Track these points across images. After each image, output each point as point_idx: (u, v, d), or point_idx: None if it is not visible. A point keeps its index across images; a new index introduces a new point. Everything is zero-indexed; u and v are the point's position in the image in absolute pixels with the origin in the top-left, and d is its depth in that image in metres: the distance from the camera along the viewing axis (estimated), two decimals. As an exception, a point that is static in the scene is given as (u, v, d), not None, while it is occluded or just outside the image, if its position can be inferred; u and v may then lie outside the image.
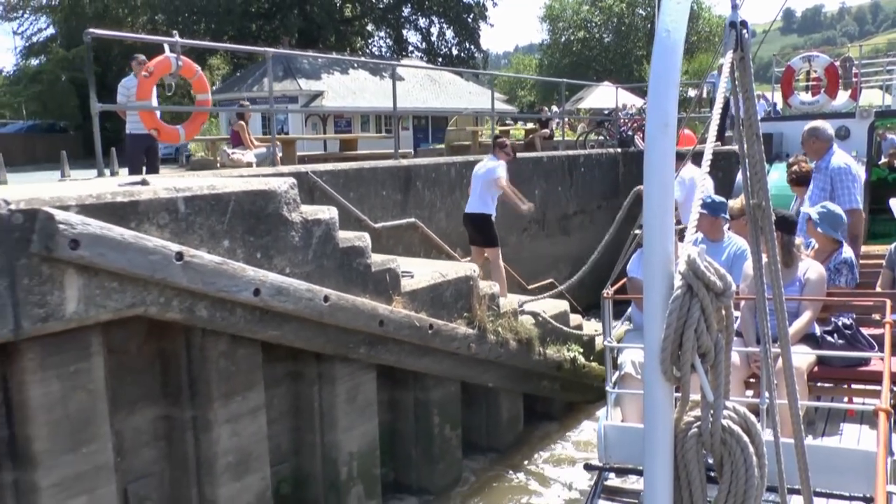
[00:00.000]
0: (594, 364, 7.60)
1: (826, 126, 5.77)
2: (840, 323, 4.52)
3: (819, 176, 5.65)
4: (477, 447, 6.78)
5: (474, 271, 6.40)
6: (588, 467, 4.89)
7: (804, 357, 4.26)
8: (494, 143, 8.34)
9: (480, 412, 6.85)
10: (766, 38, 4.62)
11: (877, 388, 3.96)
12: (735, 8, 1.65)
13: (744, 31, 1.65)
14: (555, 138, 15.75)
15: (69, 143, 24.91)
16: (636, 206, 2.87)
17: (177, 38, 7.60)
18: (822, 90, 11.67)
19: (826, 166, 5.60)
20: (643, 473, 1.57)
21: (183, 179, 4.81)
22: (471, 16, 36.95)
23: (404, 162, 8.95)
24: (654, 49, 1.53)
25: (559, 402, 7.59)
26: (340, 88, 27.86)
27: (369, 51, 37.68)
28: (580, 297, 9.56)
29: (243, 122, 9.91)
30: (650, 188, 1.48)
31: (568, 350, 7.36)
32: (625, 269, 5.33)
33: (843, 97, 12.01)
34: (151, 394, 4.37)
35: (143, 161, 8.45)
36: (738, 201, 5.13)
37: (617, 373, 4.76)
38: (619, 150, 13.71)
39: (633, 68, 43.70)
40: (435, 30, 37.84)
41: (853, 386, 4.55)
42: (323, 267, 4.95)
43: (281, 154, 8.91)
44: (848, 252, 4.91)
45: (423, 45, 38.16)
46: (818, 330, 4.56)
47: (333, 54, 28.34)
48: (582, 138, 16.08)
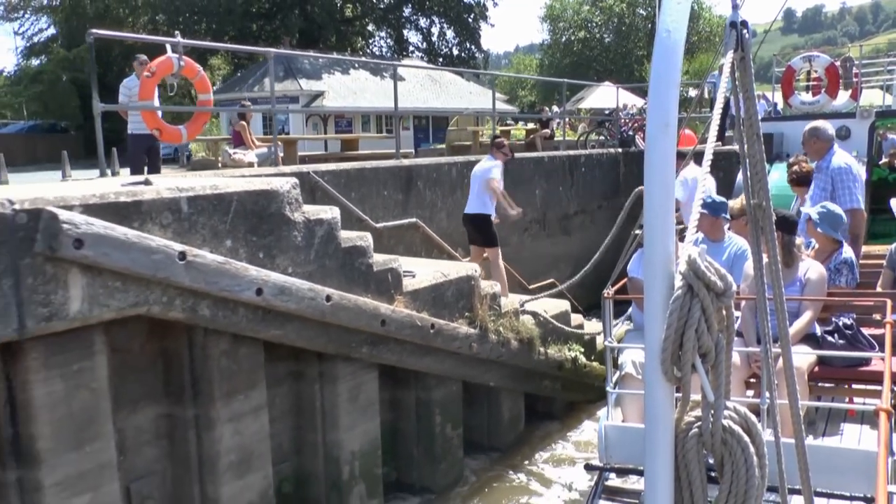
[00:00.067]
0: (595, 364, 7.61)
1: (827, 126, 5.77)
2: (841, 323, 4.53)
3: (820, 176, 5.65)
4: (478, 447, 6.80)
5: (476, 271, 6.40)
6: (589, 467, 4.88)
7: (805, 357, 4.27)
8: (492, 144, 8.37)
9: (482, 412, 6.86)
10: (766, 38, 4.63)
11: (877, 388, 3.96)
12: (735, 8, 1.65)
13: (744, 31, 1.65)
14: (555, 138, 15.74)
15: (70, 143, 24.83)
16: (637, 206, 2.87)
17: (179, 39, 7.62)
18: (823, 90, 11.68)
19: (827, 166, 5.60)
20: (644, 473, 1.57)
21: (186, 179, 4.82)
22: (471, 16, 36.90)
23: (405, 162, 8.96)
24: (655, 49, 1.54)
25: (560, 401, 7.60)
26: (341, 88, 27.84)
27: (370, 51, 37.64)
28: (581, 296, 9.57)
29: (245, 122, 9.89)
30: (651, 188, 1.48)
31: (569, 350, 7.36)
32: (625, 269, 5.32)
33: (843, 97, 12.00)
34: (154, 393, 4.38)
35: (145, 161, 8.45)
36: (738, 201, 5.12)
37: (617, 373, 4.77)
38: (620, 150, 13.71)
39: (633, 68, 43.70)
40: (435, 30, 37.87)
41: (854, 386, 4.55)
42: (325, 266, 4.96)
43: (282, 154, 8.91)
44: (848, 252, 4.92)
45: (424, 46, 38.15)
46: (819, 330, 4.56)
47: (334, 54, 28.32)
48: (583, 138, 16.05)
